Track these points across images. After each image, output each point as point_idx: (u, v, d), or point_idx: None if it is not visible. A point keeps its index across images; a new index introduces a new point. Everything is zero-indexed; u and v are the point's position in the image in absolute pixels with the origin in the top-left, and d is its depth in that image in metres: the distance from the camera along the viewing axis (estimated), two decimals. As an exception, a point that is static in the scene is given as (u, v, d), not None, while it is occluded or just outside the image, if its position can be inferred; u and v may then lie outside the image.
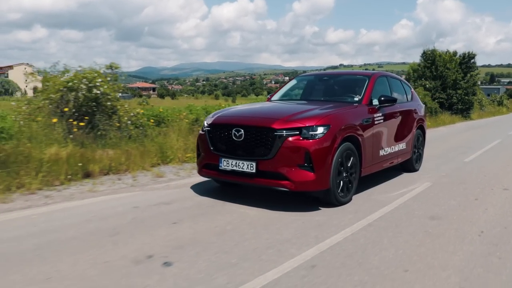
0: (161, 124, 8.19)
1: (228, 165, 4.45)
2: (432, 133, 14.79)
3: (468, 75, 24.32)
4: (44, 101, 6.78)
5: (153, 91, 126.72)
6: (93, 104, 6.90)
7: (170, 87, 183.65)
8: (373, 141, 5.09)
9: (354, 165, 4.67)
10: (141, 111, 7.72)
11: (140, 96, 65.95)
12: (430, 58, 23.81)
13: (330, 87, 6.20)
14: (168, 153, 6.99)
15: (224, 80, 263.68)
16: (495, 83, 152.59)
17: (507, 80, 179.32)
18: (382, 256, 3.11)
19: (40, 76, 7.41)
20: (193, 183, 5.55)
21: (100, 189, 5.21)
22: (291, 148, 4.13)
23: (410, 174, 6.55)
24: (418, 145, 6.86)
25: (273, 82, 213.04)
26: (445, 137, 13.52)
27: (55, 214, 4.13)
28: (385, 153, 5.52)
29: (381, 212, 4.29)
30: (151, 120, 7.70)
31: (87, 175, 5.78)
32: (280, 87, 6.72)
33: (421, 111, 7.00)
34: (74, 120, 6.58)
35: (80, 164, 5.68)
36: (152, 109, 8.96)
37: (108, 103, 6.99)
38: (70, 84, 6.72)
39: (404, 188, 5.47)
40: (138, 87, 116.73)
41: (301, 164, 4.10)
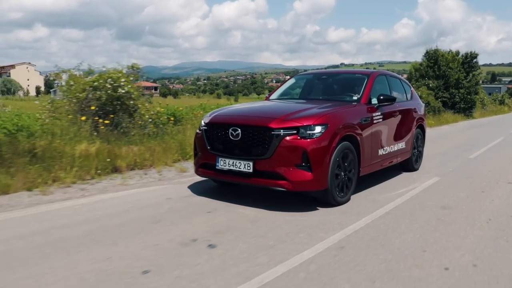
0: (177, 123, 8.54)
1: (225, 164, 4.40)
2: (436, 131, 15.15)
3: (471, 74, 24.66)
4: (71, 100, 7.13)
5: (154, 90, 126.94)
6: (116, 103, 7.26)
7: (171, 86, 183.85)
8: (372, 141, 5.04)
9: (352, 165, 4.61)
10: (161, 109, 8.07)
11: (143, 95, 65.99)
12: (433, 58, 24.12)
13: (328, 86, 6.12)
14: (187, 149, 7.34)
15: (225, 79, 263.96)
16: (496, 82, 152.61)
17: (508, 79, 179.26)
18: (401, 239, 3.48)
19: (65, 76, 7.76)
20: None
21: (130, 182, 5.57)
22: (288, 148, 4.07)
23: (419, 170, 6.68)
24: (418, 144, 6.77)
25: (274, 81, 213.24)
26: (449, 135, 13.85)
27: (95, 205, 4.48)
28: (384, 153, 5.44)
29: (396, 203, 4.65)
30: (171, 118, 8.04)
31: (115, 170, 6.14)
32: (279, 86, 6.67)
33: (421, 110, 6.90)
34: (99, 118, 6.94)
35: (108, 160, 6.06)
36: (167, 108, 9.30)
37: (130, 102, 7.35)
38: (95, 83, 7.08)
39: (414, 183, 5.80)
40: (143, 86, 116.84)
41: (299, 163, 4.05)
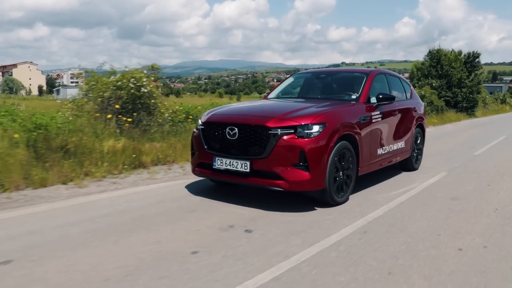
0: (193, 121, 8.91)
1: (222, 164, 4.37)
2: (440, 130, 15.53)
3: (473, 74, 25.02)
4: (95, 99, 7.51)
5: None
6: (138, 101, 7.64)
7: (172, 85, 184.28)
8: (370, 140, 5.00)
9: (351, 164, 4.58)
10: (180, 108, 8.44)
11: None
12: (436, 57, 24.48)
13: (327, 85, 6.09)
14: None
15: (226, 78, 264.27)
16: (497, 81, 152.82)
17: (509, 78, 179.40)
18: (417, 225, 3.86)
19: (87, 76, 8.13)
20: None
21: (158, 177, 5.94)
22: (285, 147, 4.03)
23: (427, 166, 6.95)
24: (418, 143, 6.73)
25: (275, 80, 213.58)
26: (453, 133, 14.23)
27: (131, 196, 4.83)
28: (383, 152, 5.40)
29: (409, 194, 5.04)
30: (190, 117, 8.42)
31: (140, 165, 6.51)
32: (277, 85, 6.62)
33: (421, 109, 6.83)
34: (123, 116, 7.32)
35: (134, 156, 6.43)
36: (182, 106, 9.65)
37: (152, 101, 7.72)
38: (119, 83, 7.45)
39: (423, 177, 6.15)
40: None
41: (296, 163, 4.01)
